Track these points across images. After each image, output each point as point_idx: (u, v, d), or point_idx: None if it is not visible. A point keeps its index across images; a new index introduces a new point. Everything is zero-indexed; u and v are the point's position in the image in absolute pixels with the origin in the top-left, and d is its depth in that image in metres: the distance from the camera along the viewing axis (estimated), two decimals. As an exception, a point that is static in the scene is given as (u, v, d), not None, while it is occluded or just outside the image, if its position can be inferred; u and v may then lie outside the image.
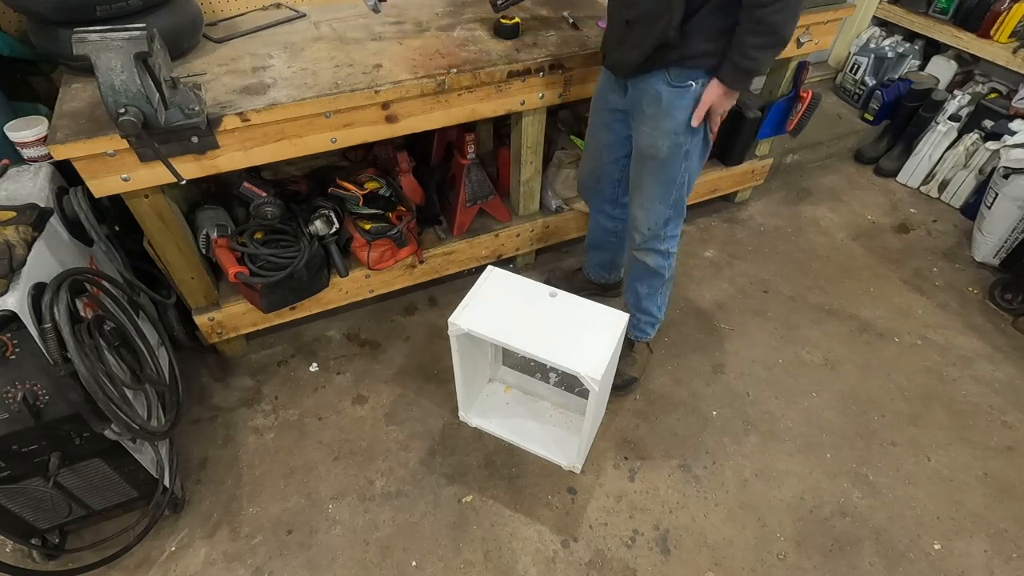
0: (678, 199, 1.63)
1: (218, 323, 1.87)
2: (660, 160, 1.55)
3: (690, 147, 1.52)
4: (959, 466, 1.80)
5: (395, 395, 1.95)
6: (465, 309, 1.56)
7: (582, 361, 1.42)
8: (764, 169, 2.64)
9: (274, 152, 1.55)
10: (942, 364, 2.09)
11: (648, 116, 1.51)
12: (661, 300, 1.88)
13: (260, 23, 1.84)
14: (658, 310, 1.90)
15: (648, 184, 1.62)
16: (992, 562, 1.59)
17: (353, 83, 1.56)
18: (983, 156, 2.62)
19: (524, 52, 1.75)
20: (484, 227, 2.20)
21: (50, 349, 1.13)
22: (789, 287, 2.37)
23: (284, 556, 1.57)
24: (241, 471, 1.74)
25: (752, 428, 1.88)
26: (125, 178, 1.42)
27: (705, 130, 1.52)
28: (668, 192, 1.60)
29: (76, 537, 1.58)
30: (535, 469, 1.76)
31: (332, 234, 1.90)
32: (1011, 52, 2.68)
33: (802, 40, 2.12)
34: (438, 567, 1.55)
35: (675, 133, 1.49)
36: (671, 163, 1.54)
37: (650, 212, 1.65)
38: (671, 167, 1.55)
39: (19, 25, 1.68)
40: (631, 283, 1.87)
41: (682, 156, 1.53)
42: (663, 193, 1.61)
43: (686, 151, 1.53)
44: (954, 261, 2.52)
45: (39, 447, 1.26)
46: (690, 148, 1.53)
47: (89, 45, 1.17)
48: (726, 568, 1.56)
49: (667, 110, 1.47)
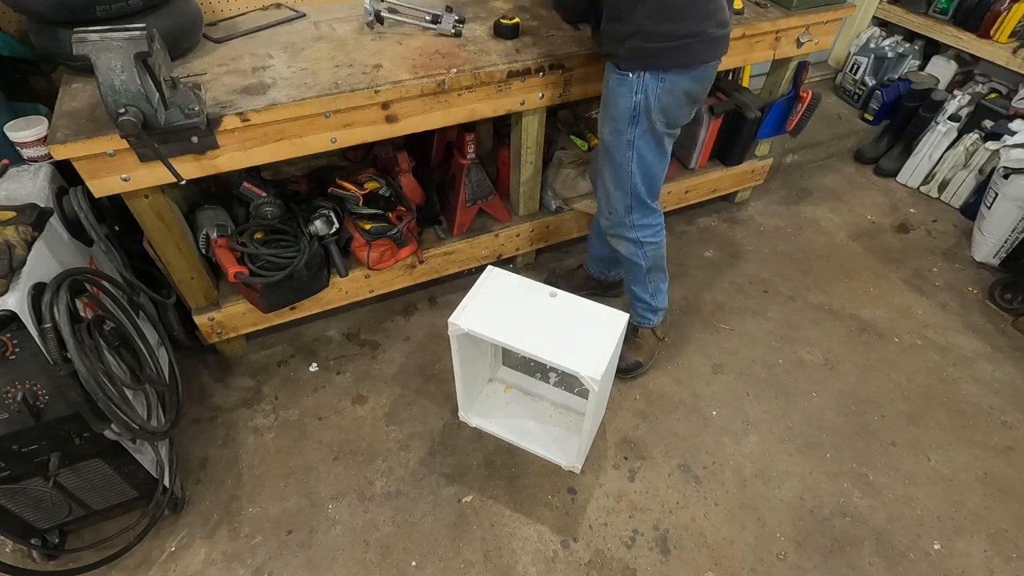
0: (633, 188, 1.65)
1: (218, 323, 1.87)
2: (606, 145, 1.62)
3: (632, 136, 1.55)
4: (959, 466, 1.80)
5: (395, 395, 1.95)
6: (465, 309, 1.56)
7: (582, 361, 1.42)
8: (764, 169, 2.64)
9: (274, 152, 1.55)
10: (942, 364, 2.09)
11: (602, 100, 1.60)
12: (652, 288, 1.90)
13: (260, 23, 1.84)
14: (651, 298, 1.92)
15: (604, 169, 1.68)
16: (992, 562, 1.59)
17: (353, 83, 1.56)
18: (983, 156, 2.62)
19: (524, 52, 1.75)
20: (484, 227, 2.20)
21: (50, 349, 1.13)
22: (789, 287, 2.37)
23: (284, 556, 1.57)
24: (241, 471, 1.74)
25: (752, 428, 1.88)
26: (125, 178, 1.42)
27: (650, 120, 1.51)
28: (620, 180, 1.64)
29: (76, 537, 1.58)
30: (535, 469, 1.76)
31: (332, 234, 1.90)
32: (1011, 52, 2.68)
33: (802, 40, 2.12)
34: (438, 567, 1.55)
35: (614, 119, 1.55)
36: (616, 150, 1.60)
37: (610, 197, 1.71)
38: (617, 154, 1.60)
39: (19, 25, 1.68)
40: (623, 274, 1.96)
41: (625, 144, 1.57)
42: (616, 180, 1.66)
43: (628, 140, 1.55)
44: (954, 261, 2.52)
45: (39, 447, 1.26)
46: (632, 138, 1.55)
47: (89, 45, 1.17)
48: (726, 568, 1.56)
49: (610, 96, 1.53)
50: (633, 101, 1.48)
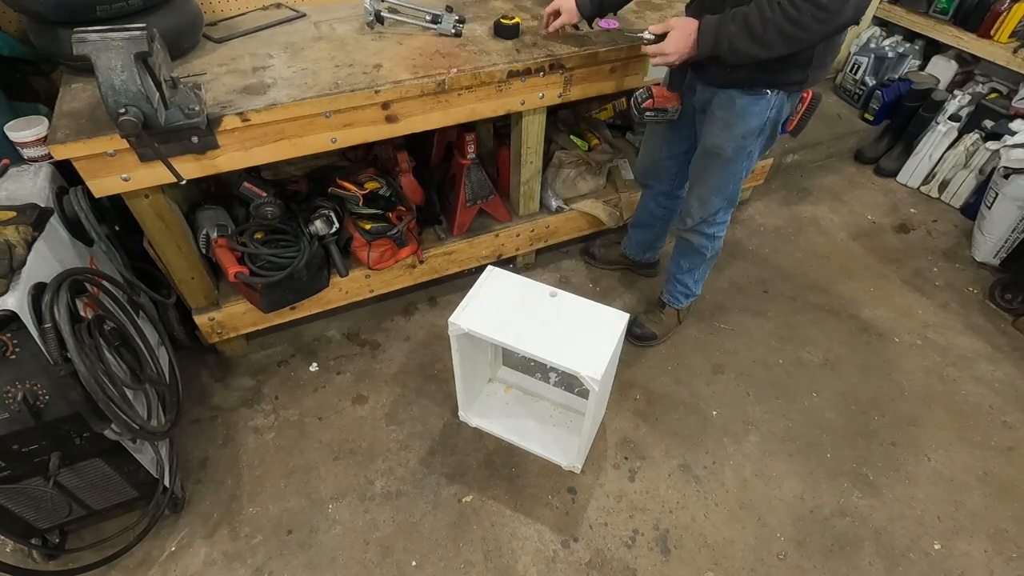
0: (734, 191, 1.73)
1: (218, 323, 1.87)
2: (724, 159, 1.62)
3: (754, 148, 1.60)
4: (959, 466, 1.79)
5: (395, 395, 1.95)
6: (465, 309, 1.56)
7: (582, 361, 1.42)
8: (764, 169, 2.64)
9: (274, 152, 1.55)
10: (942, 364, 2.09)
11: (719, 119, 1.57)
12: (700, 275, 1.99)
13: (260, 23, 1.84)
14: (695, 284, 2.01)
15: (709, 179, 1.69)
16: (992, 562, 1.59)
17: (353, 83, 1.56)
18: (983, 156, 2.62)
19: (524, 52, 1.75)
20: (484, 227, 2.20)
21: (50, 349, 1.13)
22: (789, 287, 2.37)
23: (284, 556, 1.57)
24: (241, 471, 1.74)
25: (752, 428, 1.88)
26: (125, 178, 1.42)
27: (775, 130, 1.58)
28: (726, 186, 1.69)
29: (76, 537, 1.58)
30: (535, 469, 1.76)
31: (332, 234, 1.90)
32: (1011, 52, 2.67)
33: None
34: (438, 567, 1.55)
35: (743, 136, 1.55)
36: (735, 162, 1.62)
37: (706, 204, 1.74)
38: (734, 165, 1.63)
39: (19, 25, 1.68)
40: (675, 255, 2.00)
41: (745, 156, 1.60)
42: (721, 187, 1.70)
43: (749, 152, 1.60)
44: (954, 261, 2.52)
45: (39, 447, 1.26)
46: (754, 150, 1.60)
47: (89, 45, 1.17)
48: (726, 568, 1.56)
49: (740, 115, 1.52)
50: (766, 117, 1.52)
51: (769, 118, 1.53)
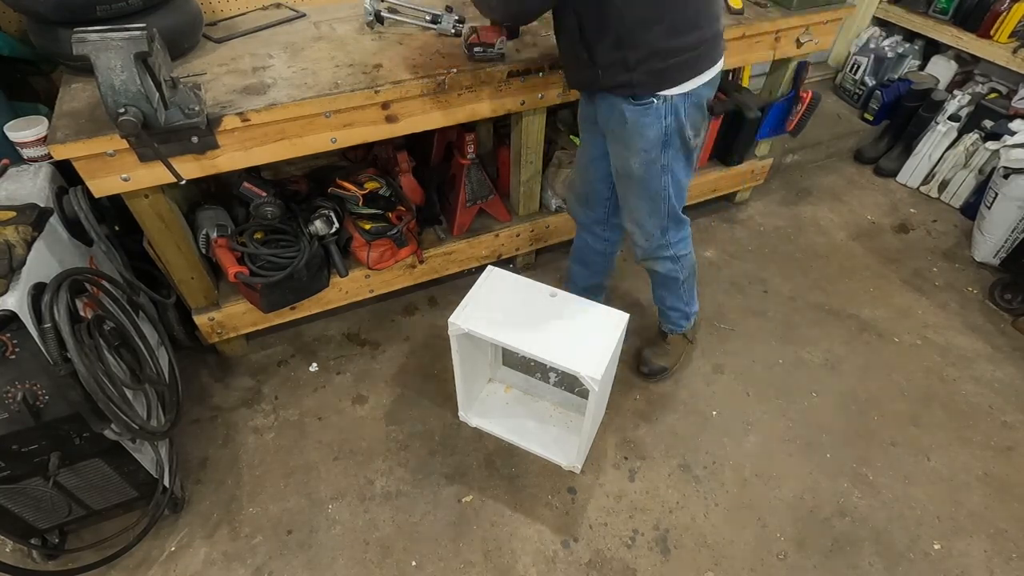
0: (670, 210, 1.59)
1: (218, 323, 1.87)
2: (638, 179, 1.52)
3: (666, 160, 1.47)
4: (959, 466, 1.80)
5: (395, 395, 1.95)
6: (465, 309, 1.56)
7: (582, 361, 1.42)
8: (764, 169, 2.64)
9: (274, 152, 1.55)
10: (942, 364, 2.09)
11: (617, 135, 1.48)
12: (687, 296, 1.89)
13: (260, 23, 1.84)
14: (685, 305, 1.91)
15: (633, 202, 1.60)
16: (992, 562, 1.59)
17: (353, 83, 1.56)
18: (983, 156, 2.62)
19: (524, 52, 1.75)
20: (484, 227, 2.20)
21: (50, 349, 1.13)
22: (789, 287, 2.37)
23: (284, 556, 1.57)
24: (241, 471, 1.74)
25: (752, 428, 1.88)
26: (125, 178, 1.42)
27: (683, 138, 1.45)
28: (655, 206, 1.57)
29: (76, 537, 1.58)
30: (535, 469, 1.76)
31: (332, 234, 1.90)
32: (1011, 52, 2.68)
33: (802, 40, 2.12)
34: (438, 567, 1.55)
35: (645, 150, 1.45)
36: (650, 180, 1.51)
37: (644, 227, 1.64)
38: (651, 184, 1.52)
39: (19, 25, 1.68)
40: (653, 288, 1.89)
41: (659, 171, 1.49)
42: (650, 208, 1.58)
43: (662, 165, 1.48)
44: (954, 261, 2.52)
45: (39, 447, 1.26)
46: (667, 162, 1.47)
47: (89, 45, 1.17)
48: (726, 568, 1.56)
49: (633, 128, 1.42)
50: (663, 126, 1.40)
51: (668, 127, 1.40)
